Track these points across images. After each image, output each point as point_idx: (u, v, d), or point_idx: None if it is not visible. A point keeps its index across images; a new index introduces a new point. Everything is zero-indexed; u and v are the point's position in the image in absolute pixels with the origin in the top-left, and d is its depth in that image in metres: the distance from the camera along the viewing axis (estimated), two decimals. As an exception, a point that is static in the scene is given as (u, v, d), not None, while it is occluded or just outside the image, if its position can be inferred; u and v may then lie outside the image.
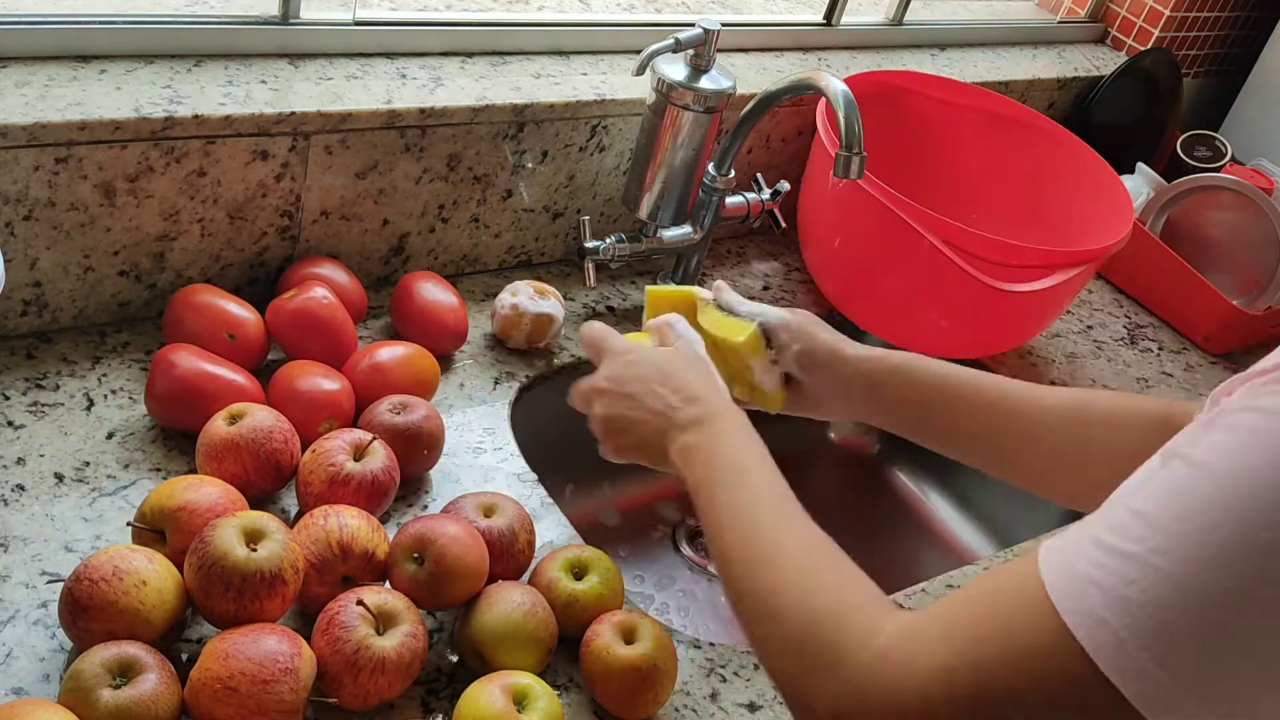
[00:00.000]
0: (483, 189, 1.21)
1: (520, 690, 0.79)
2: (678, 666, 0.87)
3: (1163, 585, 0.48)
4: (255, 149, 1.03)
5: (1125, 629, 0.48)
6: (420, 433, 0.96)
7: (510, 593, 0.86)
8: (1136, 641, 0.48)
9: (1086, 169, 1.42)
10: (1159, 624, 0.48)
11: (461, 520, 0.88)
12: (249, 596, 0.77)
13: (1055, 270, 1.22)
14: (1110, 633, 0.48)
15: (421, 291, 1.12)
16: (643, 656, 0.84)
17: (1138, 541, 0.49)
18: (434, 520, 0.86)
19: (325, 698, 0.77)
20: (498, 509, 0.91)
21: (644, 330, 0.94)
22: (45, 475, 0.90)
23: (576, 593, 0.88)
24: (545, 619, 0.85)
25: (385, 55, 1.16)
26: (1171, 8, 1.84)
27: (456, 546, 0.84)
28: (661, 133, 1.19)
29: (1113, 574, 0.49)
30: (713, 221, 1.28)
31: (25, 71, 0.96)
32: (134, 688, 0.71)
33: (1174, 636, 0.47)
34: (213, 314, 1.01)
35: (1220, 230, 1.62)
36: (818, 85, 1.13)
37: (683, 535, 1.30)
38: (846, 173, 1.10)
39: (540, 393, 1.19)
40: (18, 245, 0.96)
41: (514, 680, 0.80)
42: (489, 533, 0.89)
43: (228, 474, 0.88)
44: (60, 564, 0.84)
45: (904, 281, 1.27)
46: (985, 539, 1.40)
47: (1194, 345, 1.58)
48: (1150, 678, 0.48)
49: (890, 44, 1.62)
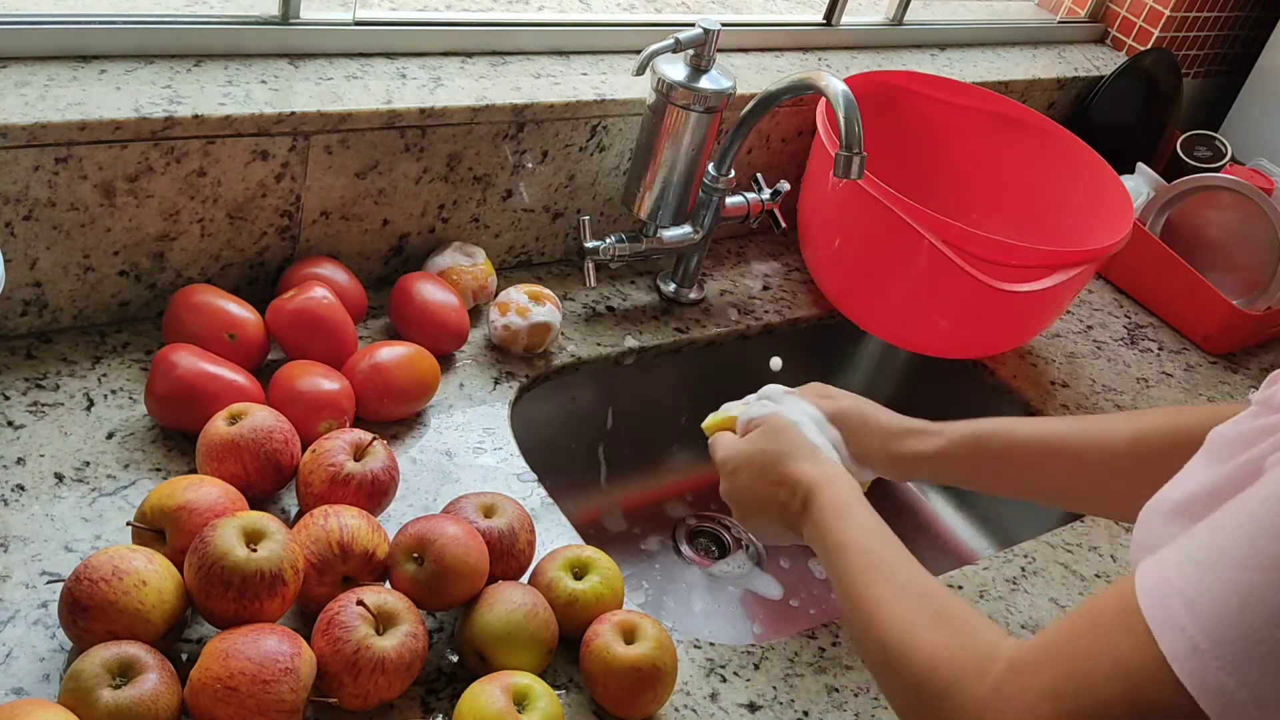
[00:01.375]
0: (483, 189, 1.21)
1: (520, 690, 0.79)
2: (678, 666, 0.87)
3: (1236, 596, 0.50)
4: (255, 149, 1.03)
5: (1202, 637, 0.50)
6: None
7: (510, 593, 0.85)
8: (1211, 650, 0.49)
9: (1086, 169, 1.42)
10: (1232, 633, 0.49)
11: (461, 520, 0.88)
12: (249, 596, 0.77)
13: (1055, 270, 1.22)
14: (1188, 640, 0.50)
15: (421, 291, 1.12)
16: (643, 657, 0.84)
17: (1221, 554, 0.51)
18: (434, 520, 0.86)
19: (325, 698, 0.77)
20: (498, 509, 0.91)
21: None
22: (45, 475, 0.90)
23: (576, 592, 0.88)
24: (546, 619, 0.85)
25: (385, 55, 1.16)
26: (1171, 8, 1.83)
27: (456, 546, 0.84)
28: (661, 133, 1.19)
29: (1196, 585, 0.51)
30: (713, 221, 1.28)
31: (25, 71, 0.96)
32: (134, 688, 0.71)
33: (1245, 647, 0.49)
34: (213, 314, 1.00)
35: (1220, 230, 1.62)
36: (818, 85, 1.13)
37: (683, 535, 1.30)
38: (846, 173, 1.10)
39: (540, 393, 1.19)
40: (18, 245, 0.96)
41: (514, 680, 0.80)
42: (489, 533, 0.89)
43: (228, 474, 0.88)
44: (60, 564, 0.84)
45: (904, 281, 1.27)
46: (985, 539, 1.40)
47: (1194, 345, 1.58)
48: (1222, 688, 0.49)
49: (890, 44, 1.62)
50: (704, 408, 1.05)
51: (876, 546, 0.77)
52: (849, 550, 0.77)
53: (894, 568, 0.74)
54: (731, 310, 1.35)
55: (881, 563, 0.75)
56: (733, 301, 1.37)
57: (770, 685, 0.93)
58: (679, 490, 1.36)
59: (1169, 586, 0.53)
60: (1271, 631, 0.49)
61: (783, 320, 1.37)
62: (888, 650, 0.68)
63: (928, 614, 0.68)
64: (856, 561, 0.76)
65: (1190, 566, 0.52)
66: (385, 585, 0.86)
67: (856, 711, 0.93)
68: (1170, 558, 0.54)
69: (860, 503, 0.82)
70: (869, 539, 0.78)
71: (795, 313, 1.38)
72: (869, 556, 0.76)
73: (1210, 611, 0.50)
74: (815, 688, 0.94)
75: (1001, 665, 0.60)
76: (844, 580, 0.76)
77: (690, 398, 1.36)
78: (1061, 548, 1.15)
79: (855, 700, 0.94)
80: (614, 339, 1.24)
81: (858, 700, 0.94)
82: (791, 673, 0.94)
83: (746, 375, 1.37)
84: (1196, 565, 0.52)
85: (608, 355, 1.22)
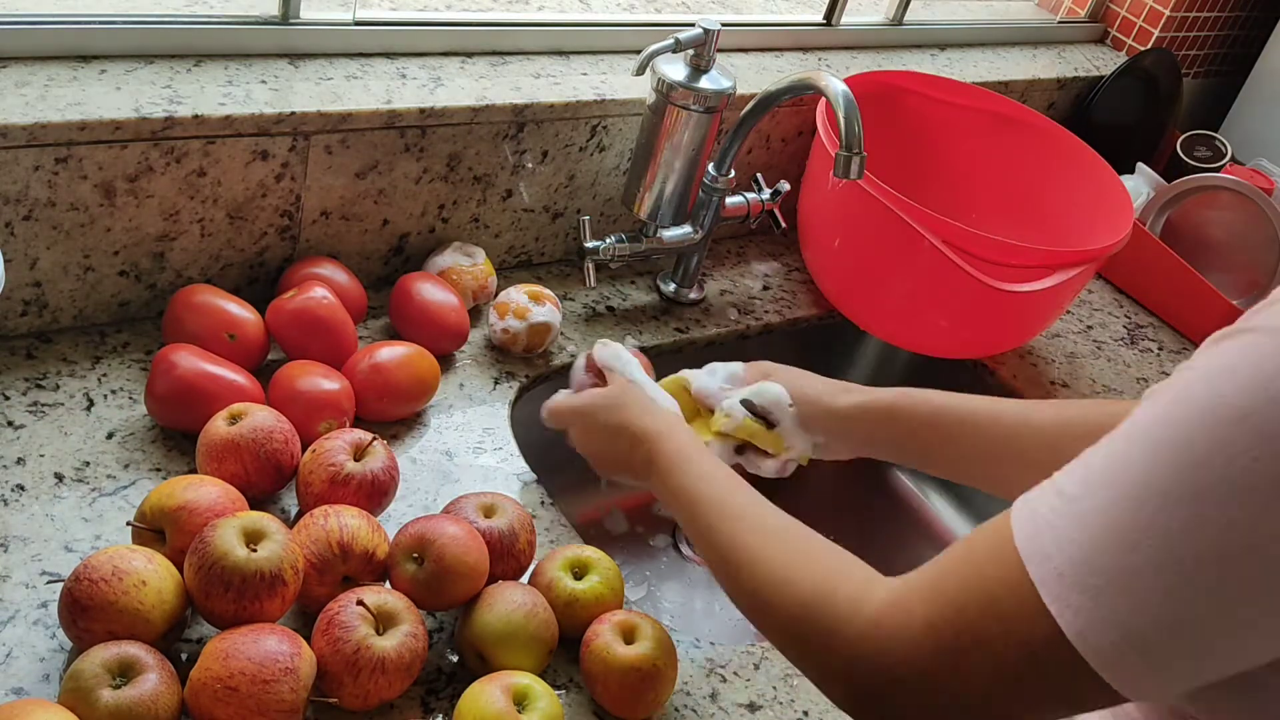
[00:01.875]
0: (483, 189, 1.21)
1: (521, 690, 0.79)
2: (678, 666, 0.87)
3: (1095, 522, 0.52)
4: (255, 149, 1.03)
5: (1065, 564, 0.52)
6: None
7: (510, 593, 0.85)
8: (1072, 576, 0.51)
9: (1086, 169, 1.42)
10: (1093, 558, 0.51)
11: (461, 520, 0.88)
12: (249, 597, 0.77)
13: (1055, 270, 1.22)
14: (1053, 568, 0.52)
15: (421, 291, 1.12)
16: (643, 657, 0.84)
17: (1083, 485, 0.53)
18: (434, 520, 0.86)
19: (325, 698, 0.77)
20: (498, 509, 0.91)
21: None
22: (45, 475, 0.90)
23: (577, 592, 0.88)
24: (546, 619, 0.85)
25: (385, 55, 1.16)
26: (1171, 8, 1.83)
27: (456, 546, 0.84)
28: (661, 133, 1.19)
29: (1062, 515, 0.53)
30: (713, 221, 1.28)
31: (25, 71, 0.96)
32: (134, 688, 0.71)
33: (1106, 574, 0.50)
34: (213, 314, 1.01)
35: (1220, 230, 1.62)
36: (818, 85, 1.13)
37: (683, 535, 1.30)
38: (846, 173, 1.10)
39: (540, 393, 1.18)
40: (18, 245, 0.96)
41: (514, 680, 0.80)
42: (489, 533, 0.89)
43: (228, 474, 0.88)
44: (60, 564, 0.84)
45: (904, 281, 1.27)
46: (985, 539, 1.40)
47: (1194, 345, 1.58)
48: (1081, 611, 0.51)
49: (890, 44, 1.62)
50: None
51: (729, 495, 0.76)
52: (702, 501, 0.77)
53: (751, 514, 0.74)
54: (731, 310, 1.35)
55: (739, 510, 0.74)
56: (733, 301, 1.37)
57: (770, 685, 0.93)
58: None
59: (1038, 517, 0.54)
60: (1125, 555, 0.50)
61: (783, 320, 1.37)
62: (759, 595, 0.68)
63: (796, 555, 0.68)
64: (712, 511, 0.76)
65: (1057, 498, 0.54)
66: (385, 585, 0.86)
67: (856, 711, 0.93)
68: (1042, 492, 0.56)
69: (701, 452, 0.82)
70: (719, 489, 0.77)
71: (795, 313, 1.38)
72: (724, 506, 0.75)
73: (1071, 540, 0.52)
74: (815, 688, 0.94)
75: (878, 600, 0.60)
76: (703, 532, 0.76)
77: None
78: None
79: (855, 700, 0.94)
80: (614, 339, 1.24)
81: (858, 700, 0.94)
82: (791, 672, 0.94)
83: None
84: (1062, 496, 0.54)
85: (608, 355, 1.22)
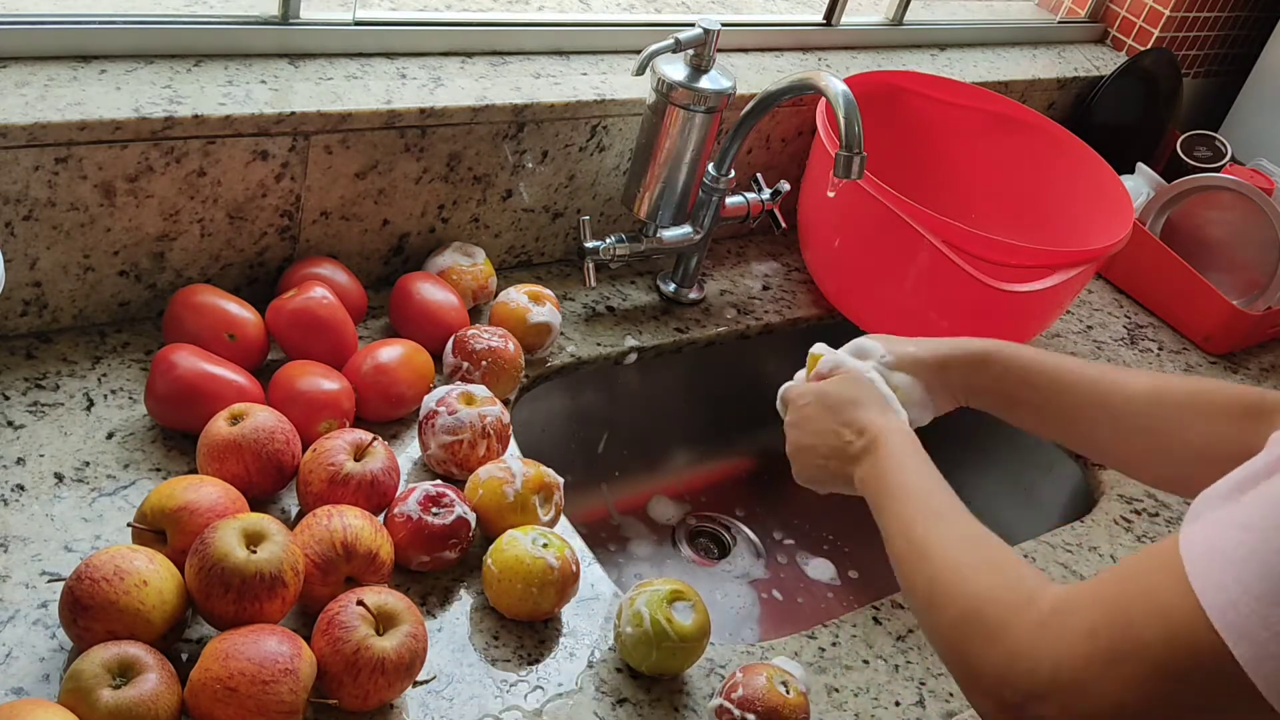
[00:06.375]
0: (483, 189, 1.21)
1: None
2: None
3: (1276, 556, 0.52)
4: (255, 149, 1.03)
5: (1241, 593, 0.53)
6: None
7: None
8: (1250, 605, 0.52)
9: (1086, 169, 1.42)
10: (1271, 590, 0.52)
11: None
12: (249, 598, 0.77)
13: (1055, 270, 1.22)
14: (1227, 595, 0.53)
15: (421, 291, 1.12)
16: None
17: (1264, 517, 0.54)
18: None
19: (325, 698, 0.77)
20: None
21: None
22: (45, 475, 0.90)
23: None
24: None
25: (385, 55, 1.16)
26: (1171, 8, 1.83)
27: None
28: (661, 133, 1.19)
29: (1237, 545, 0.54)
30: (712, 222, 1.28)
31: (25, 71, 0.96)
32: (134, 688, 0.71)
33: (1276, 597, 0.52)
34: (213, 314, 1.01)
35: (1220, 230, 1.62)
36: (818, 85, 1.13)
37: (683, 535, 1.30)
38: (846, 173, 1.10)
39: (540, 393, 1.19)
40: (18, 245, 0.96)
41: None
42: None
43: (229, 474, 0.88)
44: (60, 564, 0.84)
45: (904, 281, 1.27)
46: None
47: (1194, 345, 1.58)
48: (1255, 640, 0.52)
49: (890, 44, 1.62)
50: (704, 407, 1.05)
51: (935, 494, 0.79)
52: (908, 491, 0.80)
53: (949, 514, 0.76)
54: (731, 310, 1.35)
55: (939, 507, 0.77)
56: (733, 301, 1.37)
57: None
58: (679, 490, 1.36)
59: (1212, 547, 0.55)
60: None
61: (783, 320, 1.37)
62: (934, 586, 0.70)
63: (978, 556, 0.70)
64: (914, 502, 0.78)
65: (1234, 529, 0.55)
66: (386, 586, 0.86)
67: (856, 712, 0.93)
68: (1215, 521, 0.57)
69: (923, 455, 0.84)
70: (929, 485, 0.80)
71: (795, 313, 1.38)
72: (927, 500, 0.78)
73: (1249, 570, 0.53)
74: (815, 688, 0.94)
75: (1045, 605, 0.62)
76: (899, 519, 0.78)
77: (690, 398, 1.36)
78: (1061, 548, 1.15)
79: (855, 700, 0.94)
80: (614, 339, 1.24)
81: (858, 700, 0.94)
82: (791, 673, 0.94)
83: (746, 375, 1.38)
84: (1239, 527, 0.55)
85: (608, 355, 1.22)
